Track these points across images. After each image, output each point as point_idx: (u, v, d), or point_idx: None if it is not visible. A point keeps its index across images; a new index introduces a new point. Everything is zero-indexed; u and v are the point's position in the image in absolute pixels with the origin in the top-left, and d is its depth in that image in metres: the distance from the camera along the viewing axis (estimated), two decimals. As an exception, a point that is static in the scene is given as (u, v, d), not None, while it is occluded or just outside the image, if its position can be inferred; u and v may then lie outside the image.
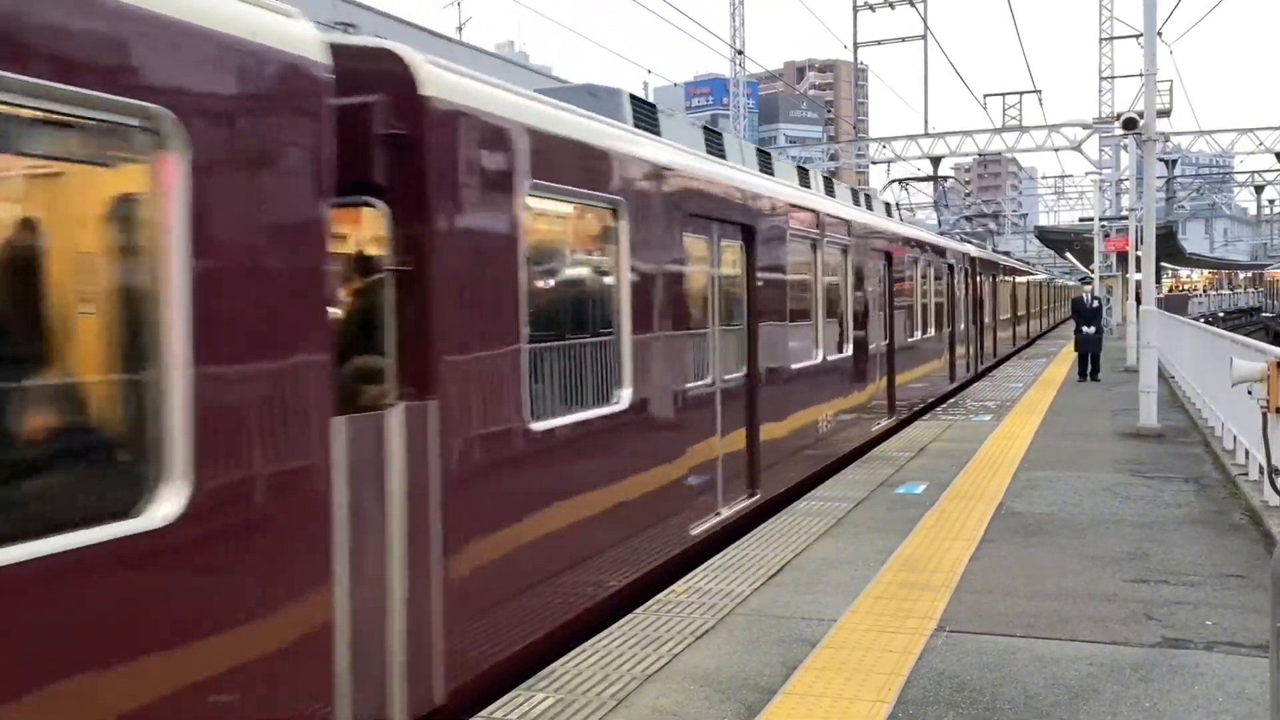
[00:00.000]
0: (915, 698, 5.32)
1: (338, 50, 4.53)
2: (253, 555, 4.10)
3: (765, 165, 11.73)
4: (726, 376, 9.31)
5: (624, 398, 7.33)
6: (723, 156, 10.23)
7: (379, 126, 5.01)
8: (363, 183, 4.97)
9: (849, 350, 13.79)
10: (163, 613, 3.71)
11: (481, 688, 5.56)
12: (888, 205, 20.65)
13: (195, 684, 3.82)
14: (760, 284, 10.16)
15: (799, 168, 13.65)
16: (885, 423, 15.62)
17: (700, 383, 8.74)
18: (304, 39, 4.33)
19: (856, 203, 15.98)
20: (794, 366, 11.27)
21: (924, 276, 19.08)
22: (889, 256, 16.09)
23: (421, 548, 5.15)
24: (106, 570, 3.50)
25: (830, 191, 14.40)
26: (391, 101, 5.06)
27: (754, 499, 9.80)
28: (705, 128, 10.35)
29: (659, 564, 7.83)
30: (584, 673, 5.69)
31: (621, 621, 6.60)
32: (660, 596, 7.14)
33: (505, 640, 5.85)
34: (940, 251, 21.08)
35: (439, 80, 5.32)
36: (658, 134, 8.63)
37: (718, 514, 9.00)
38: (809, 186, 13.37)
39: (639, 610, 6.83)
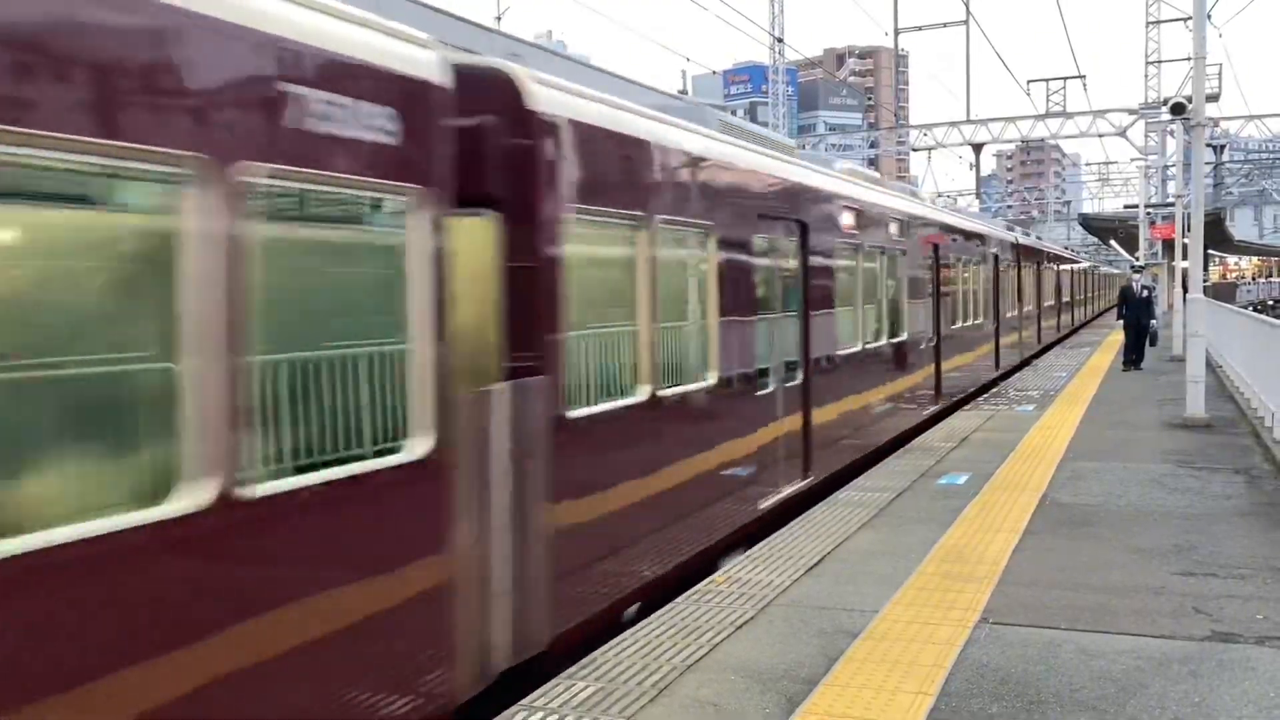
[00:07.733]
0: (958, 690, 5.28)
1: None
2: None
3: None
4: None
5: None
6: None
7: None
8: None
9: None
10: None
11: None
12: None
13: None
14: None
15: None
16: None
17: None
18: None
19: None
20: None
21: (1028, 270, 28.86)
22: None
23: None
24: None
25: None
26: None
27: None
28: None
29: None
30: (624, 662, 5.70)
31: (661, 611, 6.60)
32: (700, 586, 7.13)
33: None
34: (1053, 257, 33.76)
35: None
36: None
37: None
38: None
39: (679, 600, 6.82)
